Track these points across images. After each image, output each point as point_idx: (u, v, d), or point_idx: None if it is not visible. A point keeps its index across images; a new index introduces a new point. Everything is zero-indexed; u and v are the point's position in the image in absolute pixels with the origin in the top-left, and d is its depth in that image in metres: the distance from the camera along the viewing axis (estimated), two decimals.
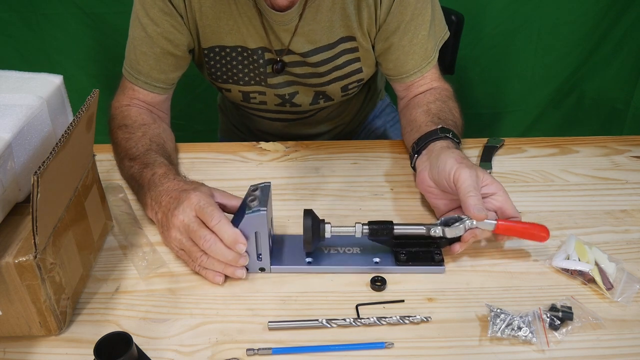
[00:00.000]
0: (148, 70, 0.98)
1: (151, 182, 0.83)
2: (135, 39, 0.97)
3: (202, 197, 0.74)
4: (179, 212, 0.74)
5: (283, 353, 0.66)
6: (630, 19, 1.58)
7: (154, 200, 0.81)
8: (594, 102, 1.73)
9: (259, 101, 1.10)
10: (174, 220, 0.75)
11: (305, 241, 0.74)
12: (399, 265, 0.76)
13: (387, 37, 0.98)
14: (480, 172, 0.77)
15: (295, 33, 0.96)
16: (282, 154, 1.03)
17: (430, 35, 0.99)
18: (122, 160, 0.91)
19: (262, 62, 1.01)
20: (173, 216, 0.75)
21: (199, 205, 0.73)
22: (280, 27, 0.95)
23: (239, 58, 1.01)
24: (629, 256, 0.79)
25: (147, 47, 0.96)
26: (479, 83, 1.70)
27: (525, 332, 0.66)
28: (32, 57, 1.58)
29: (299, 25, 0.95)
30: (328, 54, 1.00)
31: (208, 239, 0.71)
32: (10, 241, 0.63)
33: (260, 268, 0.76)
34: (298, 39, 0.97)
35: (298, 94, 1.08)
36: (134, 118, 0.97)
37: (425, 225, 0.76)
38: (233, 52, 1.00)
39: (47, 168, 0.58)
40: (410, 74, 1.01)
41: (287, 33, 0.96)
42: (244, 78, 1.04)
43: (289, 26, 0.95)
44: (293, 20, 0.95)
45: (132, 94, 1.00)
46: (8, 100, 0.69)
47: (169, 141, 0.98)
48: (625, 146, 1.04)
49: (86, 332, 0.68)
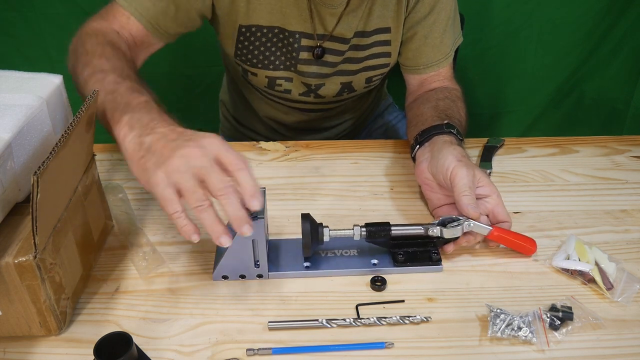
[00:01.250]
0: (150, 5, 0.90)
1: (143, 107, 0.71)
2: None
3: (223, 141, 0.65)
4: (195, 146, 0.63)
5: (283, 353, 0.66)
6: (630, 19, 1.58)
7: (141, 123, 0.68)
8: (594, 102, 1.73)
9: (283, 89, 1.09)
10: (186, 150, 0.63)
11: (304, 246, 0.74)
12: (397, 266, 0.76)
13: (412, 25, 1.00)
14: (478, 172, 0.78)
15: (341, 18, 0.97)
16: (282, 153, 1.03)
17: (450, 32, 1.02)
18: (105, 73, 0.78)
19: (297, 47, 1.01)
20: (183, 148, 0.63)
21: (224, 147, 0.64)
22: (327, 11, 0.96)
23: (273, 40, 1.00)
24: (629, 256, 0.79)
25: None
26: (479, 83, 1.70)
27: (525, 332, 0.66)
28: (33, 56, 1.58)
29: (345, 10, 0.97)
30: (363, 40, 1.02)
31: (227, 183, 0.62)
32: (10, 241, 0.63)
33: (257, 275, 0.76)
34: (342, 25, 0.98)
35: (324, 85, 1.08)
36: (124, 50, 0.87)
37: (423, 225, 0.76)
38: (269, 32, 0.99)
39: (47, 168, 0.58)
40: (427, 65, 1.03)
41: (333, 17, 0.97)
42: (275, 62, 1.03)
43: (337, 10, 0.96)
44: (341, 4, 0.96)
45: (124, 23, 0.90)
46: (8, 100, 0.69)
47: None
48: (625, 146, 1.04)
49: (86, 332, 0.68)
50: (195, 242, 0.64)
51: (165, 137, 0.66)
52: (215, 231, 0.63)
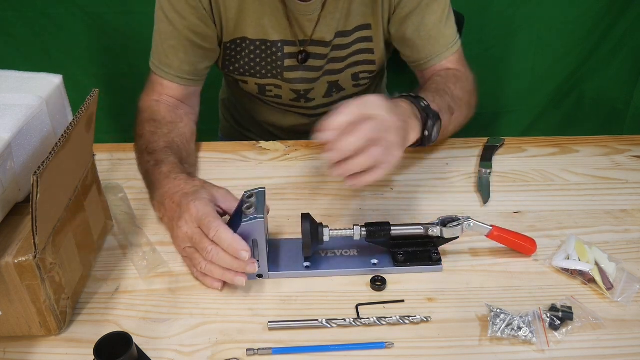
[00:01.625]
0: (178, 64, 0.98)
1: (157, 182, 0.83)
2: (162, 34, 0.97)
3: (200, 207, 0.73)
4: (182, 223, 0.74)
5: (283, 353, 0.66)
6: (630, 19, 1.58)
7: (159, 201, 0.82)
8: (594, 102, 1.73)
9: (274, 94, 1.11)
10: (178, 232, 0.75)
11: (304, 246, 0.74)
12: (397, 265, 0.76)
13: (402, 21, 0.99)
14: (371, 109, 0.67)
15: (318, 22, 0.98)
16: (282, 153, 1.02)
17: (449, 21, 1.00)
18: (142, 154, 0.90)
19: (280, 55, 1.02)
20: (177, 227, 0.75)
21: (197, 217, 0.72)
22: (304, 17, 0.97)
23: (257, 51, 1.02)
24: (629, 256, 0.79)
25: (176, 41, 0.97)
26: (479, 83, 1.69)
27: (525, 332, 0.66)
28: (33, 56, 1.58)
29: (322, 14, 0.97)
30: (345, 39, 1.01)
31: (210, 251, 0.71)
32: (10, 241, 0.63)
33: (257, 275, 0.76)
34: (321, 29, 0.99)
35: (313, 89, 1.09)
36: (163, 114, 0.97)
37: (423, 225, 0.76)
38: (252, 45, 1.01)
39: (47, 168, 0.58)
40: (428, 59, 1.02)
41: (311, 23, 0.98)
42: (261, 71, 1.05)
43: (313, 16, 0.97)
44: (317, 10, 0.96)
45: (161, 89, 1.01)
46: (8, 100, 0.69)
47: (192, 141, 0.98)
48: (625, 146, 1.04)
49: (86, 332, 0.68)
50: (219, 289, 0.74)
51: (170, 217, 0.78)
52: (227, 279, 0.72)
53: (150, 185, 0.86)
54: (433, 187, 0.94)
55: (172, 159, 0.86)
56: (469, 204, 0.90)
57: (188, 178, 0.81)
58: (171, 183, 0.81)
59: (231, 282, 0.72)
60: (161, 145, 0.89)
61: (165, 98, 1.01)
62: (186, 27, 0.96)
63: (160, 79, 1.00)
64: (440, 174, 0.97)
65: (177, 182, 0.80)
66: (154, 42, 1.00)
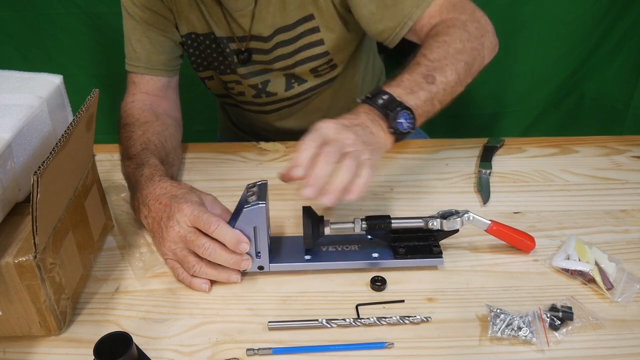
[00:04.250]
0: (146, 55, 1.00)
1: (138, 183, 0.82)
2: (128, 31, 1.00)
3: (194, 207, 0.73)
4: (174, 223, 0.73)
5: (283, 353, 0.66)
6: (630, 19, 1.57)
7: (142, 203, 0.79)
8: (594, 102, 1.73)
9: (237, 92, 1.10)
10: (169, 232, 0.73)
11: (305, 236, 0.74)
12: (397, 258, 0.76)
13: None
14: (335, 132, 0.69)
15: (253, 18, 0.97)
16: (282, 153, 1.02)
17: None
18: (123, 159, 0.91)
19: (229, 52, 1.02)
20: (168, 228, 0.73)
21: (193, 215, 0.72)
22: (238, 14, 0.96)
23: (212, 46, 1.03)
24: (629, 256, 0.79)
25: (140, 34, 0.99)
26: (479, 83, 1.69)
27: (525, 332, 0.66)
28: (32, 56, 1.58)
29: (256, 9, 0.96)
30: (289, 34, 0.99)
31: (207, 247, 0.71)
32: (10, 241, 0.63)
33: (259, 267, 0.75)
34: (258, 24, 0.98)
35: (270, 82, 1.07)
36: (136, 116, 0.96)
37: (423, 218, 0.76)
38: (206, 39, 1.02)
39: (47, 168, 0.58)
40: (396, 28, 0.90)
41: (247, 19, 0.97)
42: (220, 67, 1.06)
43: (246, 11, 0.96)
44: (249, 4, 0.95)
45: (135, 87, 1.01)
46: (8, 100, 0.69)
47: (171, 139, 0.96)
48: (625, 146, 1.04)
49: (86, 332, 0.69)
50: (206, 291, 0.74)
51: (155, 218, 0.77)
52: (221, 279, 0.74)
53: (131, 187, 0.85)
54: (433, 187, 0.94)
55: (152, 160, 0.85)
56: (469, 204, 0.90)
57: (174, 182, 0.80)
58: (155, 185, 0.79)
59: (227, 280, 0.73)
60: (138, 149, 0.89)
61: (140, 97, 1.00)
62: (146, 19, 0.98)
63: (133, 75, 1.01)
64: (440, 175, 0.97)
65: (162, 184, 0.79)
66: (125, 42, 1.02)
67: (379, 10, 0.90)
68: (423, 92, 0.79)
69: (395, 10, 0.89)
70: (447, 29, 0.86)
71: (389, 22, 0.91)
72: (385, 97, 0.76)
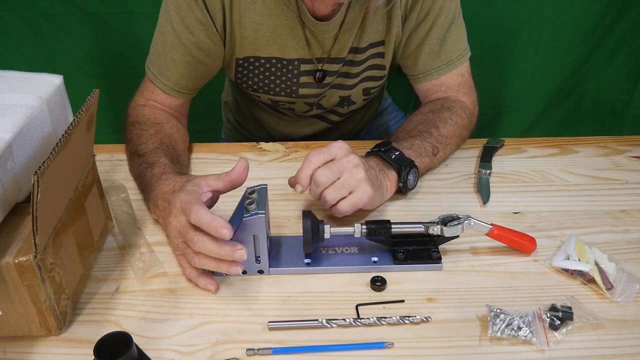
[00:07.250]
0: (177, 78, 0.98)
1: (149, 184, 0.83)
2: (166, 45, 0.95)
3: (183, 196, 0.72)
4: (172, 218, 0.74)
5: (283, 353, 0.66)
6: (630, 19, 1.57)
7: (153, 203, 0.81)
8: (594, 102, 1.73)
9: (287, 107, 1.11)
10: (170, 229, 0.75)
11: (305, 242, 0.74)
12: (397, 263, 0.76)
13: (409, 33, 0.99)
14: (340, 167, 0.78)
15: (336, 40, 0.98)
16: (282, 154, 1.03)
17: (452, 39, 1.00)
18: (132, 157, 0.90)
19: (296, 73, 1.02)
20: (169, 224, 0.75)
21: (181, 207, 0.71)
22: (324, 35, 0.97)
23: (272, 69, 1.01)
24: (629, 256, 0.79)
25: (179, 55, 0.95)
26: (479, 83, 1.69)
27: (525, 332, 0.66)
28: (32, 57, 1.58)
29: (340, 31, 0.97)
30: (358, 57, 1.02)
31: (195, 240, 0.69)
32: (10, 241, 0.63)
33: (258, 271, 0.76)
34: (338, 45, 0.99)
35: (325, 97, 1.09)
36: (147, 116, 0.97)
37: (424, 224, 0.76)
38: (267, 63, 1.00)
39: (47, 168, 0.58)
40: (425, 73, 1.03)
41: (330, 39, 0.98)
42: (275, 89, 1.05)
43: (332, 33, 0.97)
44: (336, 27, 0.96)
45: (151, 95, 1.00)
46: (8, 100, 0.69)
47: (181, 142, 0.98)
48: (625, 146, 1.04)
49: (86, 332, 0.69)
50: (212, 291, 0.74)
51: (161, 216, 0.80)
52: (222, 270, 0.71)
53: (143, 188, 0.86)
54: (433, 187, 0.94)
55: (163, 160, 0.86)
56: (469, 204, 0.90)
57: (177, 176, 0.81)
58: (162, 183, 0.81)
59: (228, 272, 0.71)
60: (150, 147, 0.89)
61: (152, 103, 1.00)
62: (193, 43, 0.94)
63: (154, 86, 0.99)
64: (440, 175, 0.97)
65: (168, 181, 0.80)
66: (155, 49, 0.98)
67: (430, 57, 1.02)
68: (428, 159, 0.92)
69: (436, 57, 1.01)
70: (461, 112, 1.00)
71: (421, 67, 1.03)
72: (396, 154, 0.86)
